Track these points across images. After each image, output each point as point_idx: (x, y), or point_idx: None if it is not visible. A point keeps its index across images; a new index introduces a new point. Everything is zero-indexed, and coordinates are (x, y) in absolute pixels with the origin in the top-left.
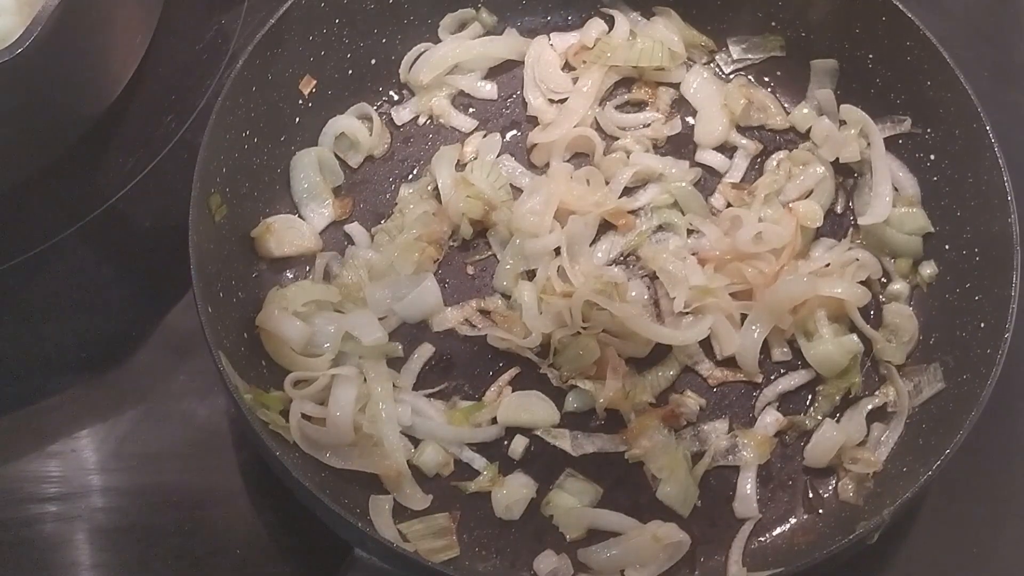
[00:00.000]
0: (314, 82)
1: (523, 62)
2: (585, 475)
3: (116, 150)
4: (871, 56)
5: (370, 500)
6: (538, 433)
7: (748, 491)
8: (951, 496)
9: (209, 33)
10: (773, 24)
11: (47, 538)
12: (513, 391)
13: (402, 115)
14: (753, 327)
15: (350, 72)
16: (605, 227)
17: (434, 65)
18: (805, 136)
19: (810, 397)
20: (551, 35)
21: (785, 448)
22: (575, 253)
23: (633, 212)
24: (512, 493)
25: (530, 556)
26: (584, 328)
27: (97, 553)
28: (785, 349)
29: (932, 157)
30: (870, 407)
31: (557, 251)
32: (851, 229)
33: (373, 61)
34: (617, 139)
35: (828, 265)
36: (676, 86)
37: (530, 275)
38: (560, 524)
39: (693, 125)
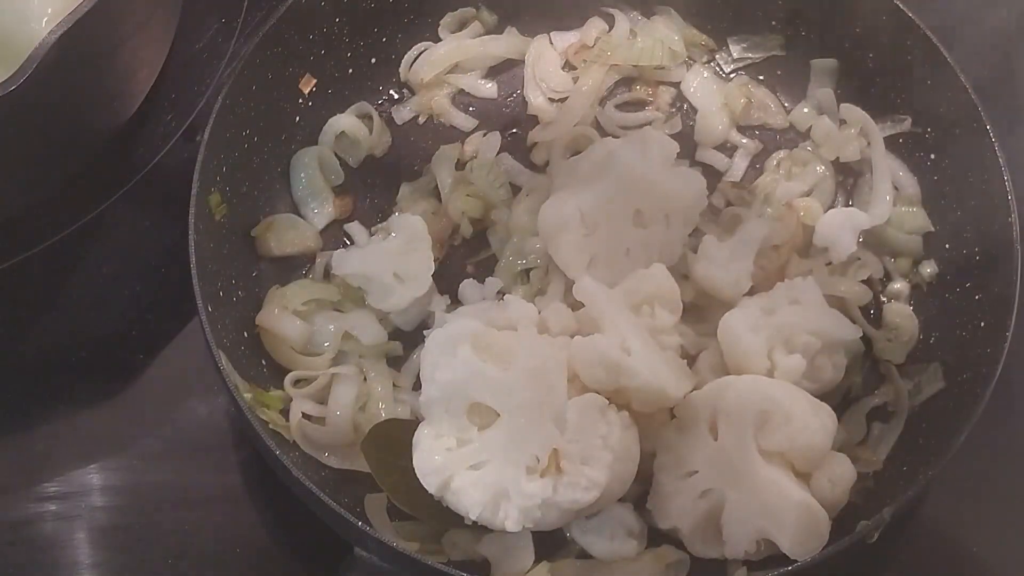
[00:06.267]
0: (314, 81)
1: (523, 61)
2: None
3: (116, 150)
4: (871, 56)
5: (365, 499)
6: None
7: None
8: (951, 496)
9: (209, 33)
10: (773, 23)
11: (47, 538)
12: None
13: (402, 114)
14: None
15: (350, 71)
16: None
17: (434, 64)
18: (805, 135)
19: None
20: (551, 34)
21: None
22: None
23: None
24: None
25: None
26: None
27: (97, 553)
28: None
29: (932, 157)
30: (870, 406)
31: None
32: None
33: (373, 60)
34: (617, 138)
35: (829, 264)
36: (676, 85)
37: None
38: None
39: (693, 124)
